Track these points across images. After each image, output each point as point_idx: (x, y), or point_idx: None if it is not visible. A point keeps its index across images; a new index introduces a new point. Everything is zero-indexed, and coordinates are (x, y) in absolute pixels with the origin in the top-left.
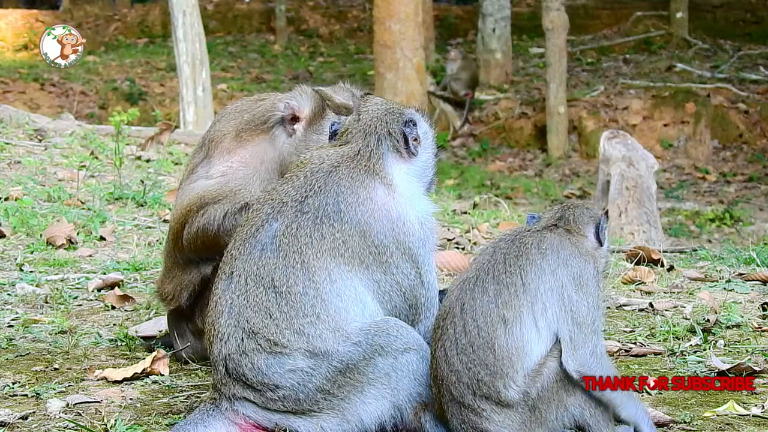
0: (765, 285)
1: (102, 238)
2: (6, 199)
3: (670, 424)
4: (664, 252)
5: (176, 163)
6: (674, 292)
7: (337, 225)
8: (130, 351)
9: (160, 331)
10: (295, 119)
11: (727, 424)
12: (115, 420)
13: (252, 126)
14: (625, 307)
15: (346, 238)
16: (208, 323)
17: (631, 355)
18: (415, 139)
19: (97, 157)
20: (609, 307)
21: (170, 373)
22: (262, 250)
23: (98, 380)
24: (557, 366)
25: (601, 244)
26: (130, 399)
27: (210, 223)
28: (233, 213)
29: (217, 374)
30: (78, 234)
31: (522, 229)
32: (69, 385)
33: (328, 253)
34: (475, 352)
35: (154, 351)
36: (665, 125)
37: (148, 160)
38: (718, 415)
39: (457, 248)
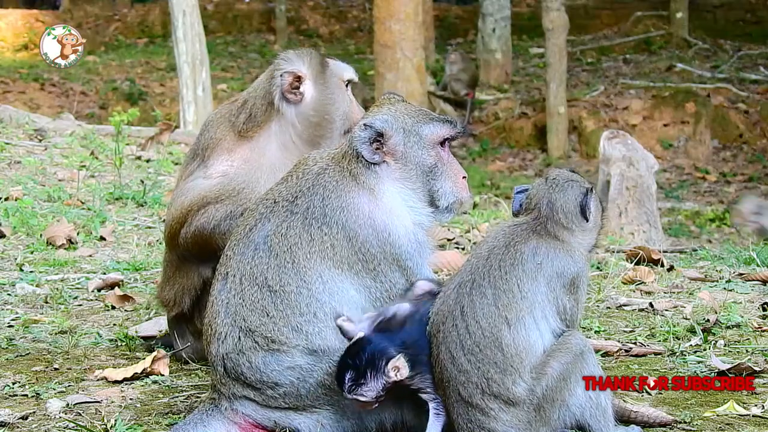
0: (765, 285)
1: (102, 238)
2: (6, 199)
3: (671, 424)
4: (664, 252)
5: (176, 163)
6: (674, 292)
7: (324, 228)
8: (130, 351)
9: (160, 331)
10: (297, 81)
11: (727, 424)
12: (115, 420)
13: (253, 123)
14: (625, 307)
15: (333, 242)
16: (205, 324)
17: (631, 355)
18: (376, 147)
19: (97, 157)
20: (609, 307)
21: (170, 373)
22: (255, 250)
23: (98, 380)
24: (560, 366)
25: (586, 220)
26: (130, 399)
27: (208, 223)
28: (235, 216)
29: (216, 374)
30: (78, 234)
31: (513, 229)
32: (69, 385)
33: (317, 254)
34: (483, 352)
35: (154, 351)
36: (665, 125)
37: (148, 160)
38: (718, 415)
39: (457, 248)
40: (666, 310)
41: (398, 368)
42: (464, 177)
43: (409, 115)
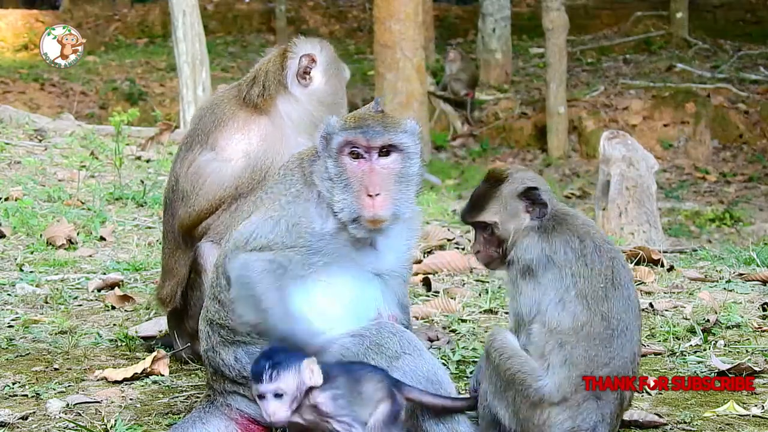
0: (765, 285)
1: (102, 238)
2: (6, 199)
3: (670, 424)
4: (664, 252)
5: None
6: (674, 292)
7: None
8: (130, 351)
9: (160, 331)
10: (311, 65)
11: (727, 424)
12: (115, 420)
13: (267, 95)
14: None
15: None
16: None
17: None
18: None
19: (97, 157)
20: None
21: (170, 373)
22: (228, 241)
23: (98, 380)
24: None
25: None
26: (130, 399)
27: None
28: None
29: (208, 371)
30: (78, 234)
31: (588, 234)
32: (69, 385)
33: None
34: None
35: (154, 351)
36: (665, 125)
37: (148, 160)
38: (718, 415)
39: (457, 248)
40: (666, 310)
41: (312, 371)
42: (371, 195)
43: (343, 122)
